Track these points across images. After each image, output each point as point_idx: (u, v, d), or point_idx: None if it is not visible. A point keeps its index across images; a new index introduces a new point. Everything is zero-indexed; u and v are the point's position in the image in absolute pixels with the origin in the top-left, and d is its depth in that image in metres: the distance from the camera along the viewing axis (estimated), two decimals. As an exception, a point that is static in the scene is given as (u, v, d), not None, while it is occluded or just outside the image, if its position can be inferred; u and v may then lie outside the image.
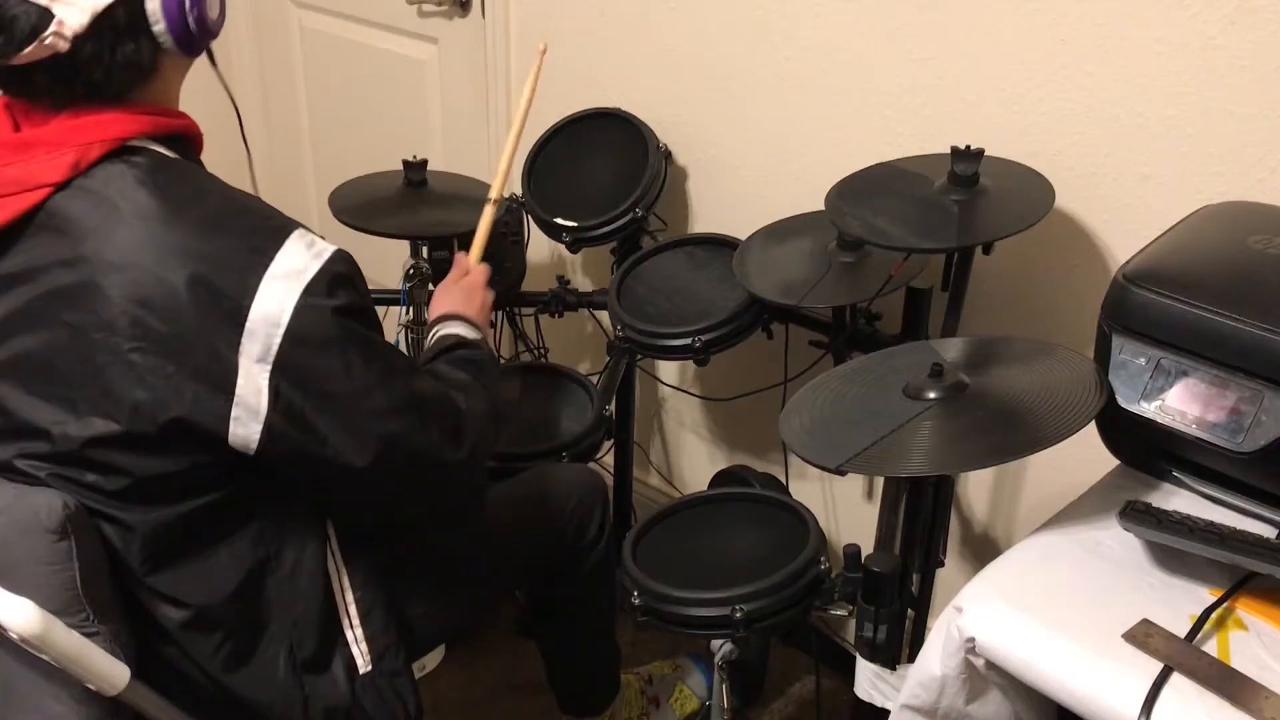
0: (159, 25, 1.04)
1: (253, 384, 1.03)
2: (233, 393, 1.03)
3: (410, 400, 1.13)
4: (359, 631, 1.23)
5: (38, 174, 1.02)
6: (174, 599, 1.12)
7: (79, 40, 1.01)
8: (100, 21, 1.01)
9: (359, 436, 1.09)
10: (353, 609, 1.22)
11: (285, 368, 1.03)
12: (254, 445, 1.06)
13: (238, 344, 1.02)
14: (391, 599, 1.26)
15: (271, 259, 1.02)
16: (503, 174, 1.62)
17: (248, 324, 1.01)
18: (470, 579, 1.45)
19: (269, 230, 1.05)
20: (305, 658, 1.19)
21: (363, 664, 1.23)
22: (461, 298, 1.47)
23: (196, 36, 1.07)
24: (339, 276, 1.06)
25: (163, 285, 1.00)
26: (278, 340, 1.02)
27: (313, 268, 1.04)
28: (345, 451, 1.08)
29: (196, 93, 1.20)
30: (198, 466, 1.07)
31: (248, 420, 1.04)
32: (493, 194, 1.61)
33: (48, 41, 0.99)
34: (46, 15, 0.99)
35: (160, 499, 1.08)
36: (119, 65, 1.03)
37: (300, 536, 1.18)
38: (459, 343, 1.38)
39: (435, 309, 1.47)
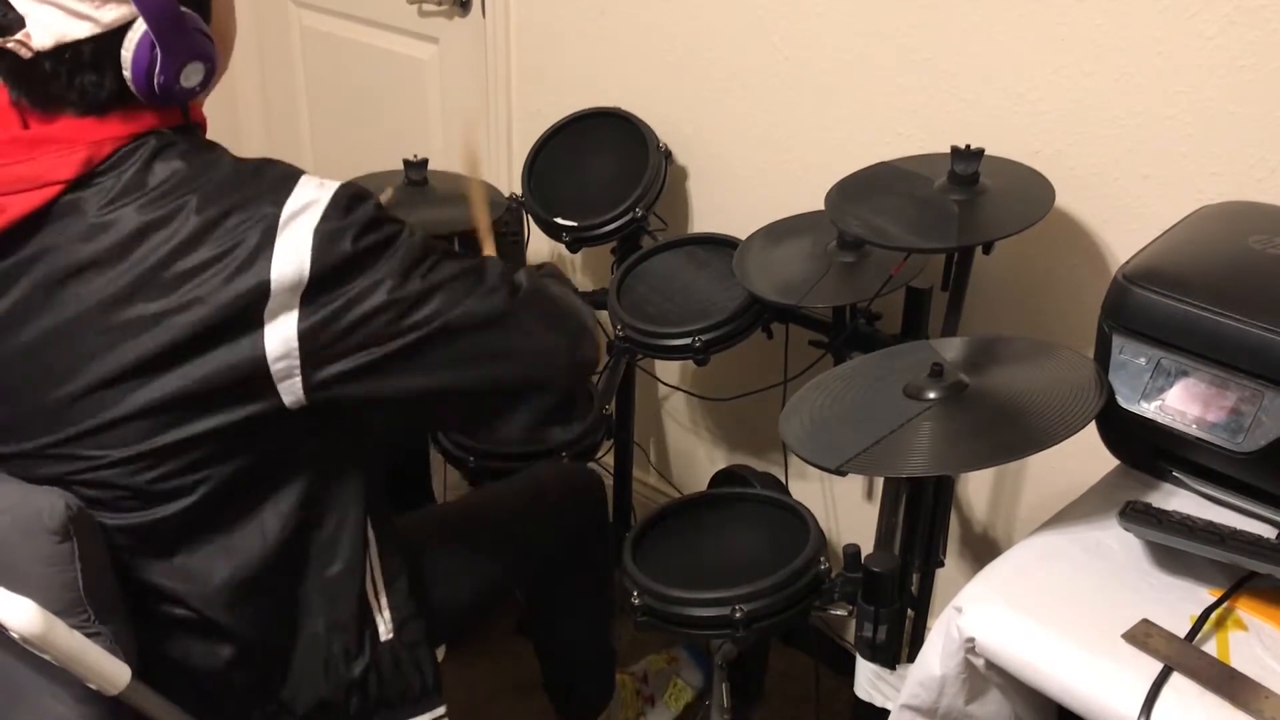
0: (127, 72, 1.02)
1: (287, 327, 1.02)
2: (266, 330, 1.02)
3: (444, 275, 1.10)
4: (384, 599, 1.23)
5: (49, 171, 1.02)
6: (220, 557, 1.12)
7: (40, 56, 1.00)
8: (62, 51, 1.00)
9: (410, 347, 1.07)
10: (379, 576, 1.23)
11: (317, 301, 1.03)
12: (299, 391, 1.05)
13: (267, 289, 1.01)
14: (412, 571, 1.27)
15: (285, 201, 1.03)
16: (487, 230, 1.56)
17: (273, 268, 1.01)
18: (474, 570, 1.45)
19: (280, 178, 1.05)
20: (338, 618, 1.19)
21: (384, 631, 1.23)
22: None
23: (159, 97, 1.04)
24: (352, 196, 1.06)
25: (186, 245, 1.00)
26: (305, 273, 1.02)
27: (324, 196, 1.04)
28: (400, 364, 1.07)
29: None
30: (247, 421, 1.06)
31: (288, 359, 1.03)
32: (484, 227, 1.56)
33: (9, 46, 0.99)
34: (18, 21, 0.98)
35: (209, 461, 1.07)
36: (76, 89, 1.02)
37: (344, 498, 1.18)
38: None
39: None
